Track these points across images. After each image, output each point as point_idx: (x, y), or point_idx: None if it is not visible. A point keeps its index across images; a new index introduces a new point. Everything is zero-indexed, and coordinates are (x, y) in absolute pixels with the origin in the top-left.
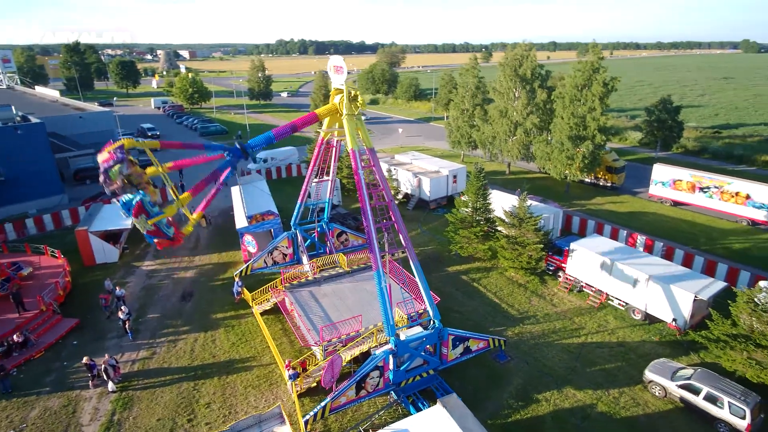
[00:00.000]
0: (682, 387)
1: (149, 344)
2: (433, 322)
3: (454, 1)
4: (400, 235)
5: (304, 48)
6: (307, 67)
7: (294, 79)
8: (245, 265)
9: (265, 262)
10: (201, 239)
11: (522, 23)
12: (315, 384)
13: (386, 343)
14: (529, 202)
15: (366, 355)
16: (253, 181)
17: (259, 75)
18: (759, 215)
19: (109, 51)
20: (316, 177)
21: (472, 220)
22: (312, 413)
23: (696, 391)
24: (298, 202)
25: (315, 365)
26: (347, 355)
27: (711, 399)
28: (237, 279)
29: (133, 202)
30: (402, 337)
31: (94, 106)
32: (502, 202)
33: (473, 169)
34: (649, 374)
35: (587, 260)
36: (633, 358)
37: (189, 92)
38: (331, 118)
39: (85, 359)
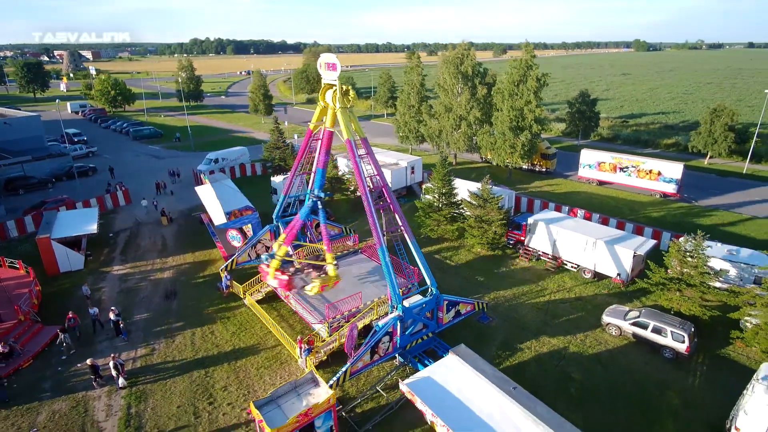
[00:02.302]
0: (633, 324)
1: (145, 343)
2: (431, 290)
3: (373, 3)
4: (396, 215)
5: (221, 47)
6: (232, 67)
7: (220, 80)
8: (230, 260)
9: (248, 255)
10: (167, 240)
11: (439, 25)
12: (325, 357)
13: (385, 315)
14: (489, 185)
15: (368, 327)
16: (220, 180)
17: (183, 74)
18: (669, 188)
19: None
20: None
21: (440, 204)
22: (335, 378)
23: (644, 326)
24: (282, 194)
25: (322, 341)
26: (360, 324)
27: (657, 331)
28: (225, 273)
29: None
30: (406, 305)
31: (18, 111)
32: (463, 188)
33: (438, 158)
34: (605, 318)
35: (543, 232)
36: (590, 308)
37: (111, 95)
38: (321, 111)
39: (89, 361)
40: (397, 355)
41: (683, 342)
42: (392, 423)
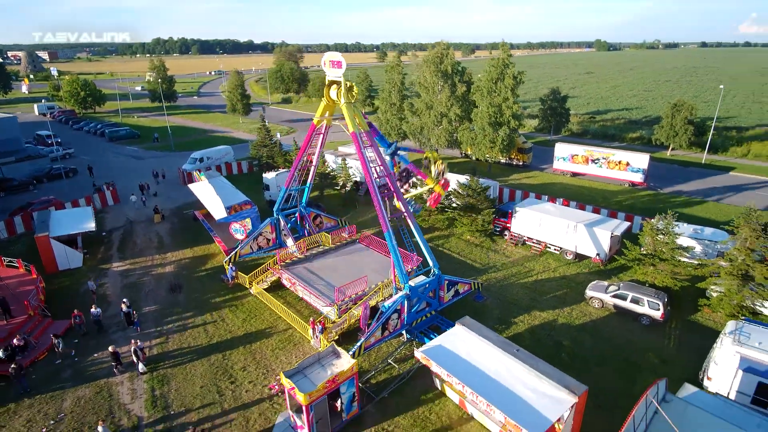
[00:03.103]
0: (614, 296)
1: (158, 332)
2: (433, 271)
3: (341, 4)
4: (399, 202)
5: (186, 47)
6: (201, 67)
7: (190, 80)
8: (233, 252)
9: (251, 247)
10: (163, 237)
11: (407, 24)
12: (336, 337)
13: (390, 296)
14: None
15: (374, 309)
16: (214, 177)
17: (153, 74)
18: (636, 178)
19: None
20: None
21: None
22: (353, 350)
23: (624, 297)
24: (284, 187)
25: (331, 323)
26: (372, 302)
27: (635, 301)
28: (230, 265)
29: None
30: (412, 284)
31: None
32: (451, 180)
33: (429, 152)
34: (589, 292)
35: (528, 218)
36: (573, 285)
37: (81, 96)
38: (324, 107)
39: (110, 348)
40: (404, 331)
41: (658, 310)
42: (404, 391)
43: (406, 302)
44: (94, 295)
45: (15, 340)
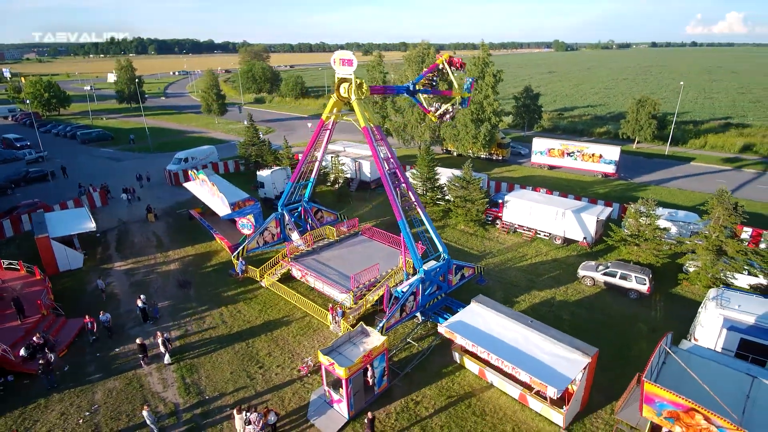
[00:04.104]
0: (605, 274)
1: (176, 325)
2: (443, 256)
3: (302, 3)
4: (410, 192)
5: (142, 47)
6: (164, 68)
7: (154, 81)
8: (242, 247)
9: (257, 242)
10: (161, 236)
11: (370, 25)
12: (354, 321)
13: (401, 282)
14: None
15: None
16: (212, 175)
17: (114, 76)
18: (608, 169)
19: None
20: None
21: (425, 188)
22: (377, 329)
23: (613, 275)
24: (290, 181)
25: (348, 309)
26: (381, 291)
27: (623, 277)
28: (240, 259)
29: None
30: (426, 268)
31: None
32: (443, 174)
33: (422, 147)
34: (581, 272)
35: (518, 207)
36: (565, 267)
37: (45, 97)
38: (333, 103)
39: (138, 340)
40: (418, 313)
41: (645, 284)
42: (426, 366)
43: (420, 285)
44: (104, 293)
45: (35, 338)
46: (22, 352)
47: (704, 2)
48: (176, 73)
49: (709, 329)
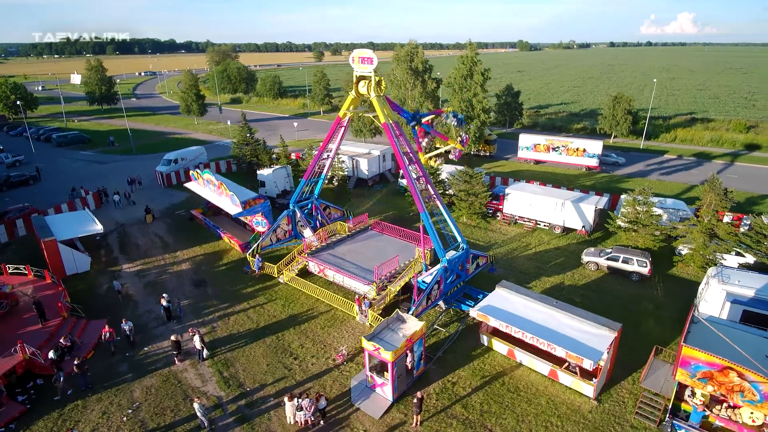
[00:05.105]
0: (608, 259)
1: (202, 323)
2: (462, 246)
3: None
4: (428, 186)
5: (101, 47)
6: (130, 68)
7: (120, 81)
8: (257, 244)
9: (270, 239)
10: (165, 237)
11: (336, 24)
12: (379, 311)
13: (420, 272)
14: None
15: (406, 285)
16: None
17: (79, 77)
18: (592, 162)
19: None
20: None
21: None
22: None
23: (616, 259)
24: (303, 179)
25: (372, 299)
26: (402, 281)
27: (626, 261)
28: (257, 256)
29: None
30: (448, 257)
31: None
32: (444, 170)
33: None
34: (585, 257)
35: (519, 199)
36: (568, 254)
37: (11, 100)
38: (350, 101)
39: (172, 337)
40: (440, 302)
41: (646, 266)
42: (456, 349)
43: (444, 274)
44: (120, 295)
45: (62, 341)
46: (50, 354)
47: (657, 3)
48: (142, 74)
49: (714, 303)
